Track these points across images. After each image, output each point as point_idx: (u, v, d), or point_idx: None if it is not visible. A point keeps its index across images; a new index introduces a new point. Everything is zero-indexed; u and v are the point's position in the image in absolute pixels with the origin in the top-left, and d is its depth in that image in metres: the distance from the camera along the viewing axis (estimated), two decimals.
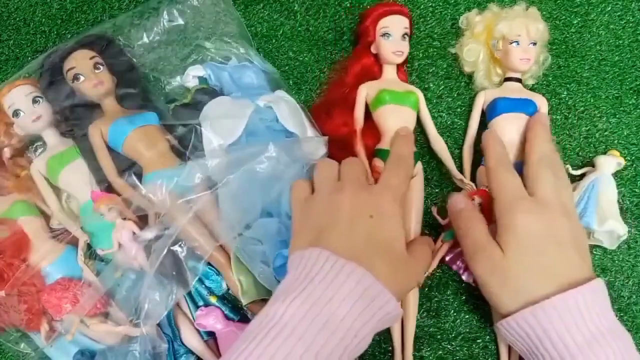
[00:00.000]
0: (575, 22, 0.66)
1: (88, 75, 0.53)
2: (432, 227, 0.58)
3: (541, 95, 0.60)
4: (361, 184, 0.44)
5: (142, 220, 0.52)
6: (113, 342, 0.48)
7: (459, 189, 0.58)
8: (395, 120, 0.57)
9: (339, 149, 0.57)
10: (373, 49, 0.60)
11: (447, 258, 0.55)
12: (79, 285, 0.49)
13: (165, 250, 0.47)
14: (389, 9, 0.59)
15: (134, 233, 0.49)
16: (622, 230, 0.56)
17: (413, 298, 0.55)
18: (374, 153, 0.58)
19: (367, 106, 0.59)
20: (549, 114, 0.63)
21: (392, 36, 0.58)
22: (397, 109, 0.57)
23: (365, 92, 0.59)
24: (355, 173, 0.46)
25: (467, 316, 0.57)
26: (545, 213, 0.44)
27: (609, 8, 0.66)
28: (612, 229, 0.56)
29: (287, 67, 0.63)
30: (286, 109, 0.55)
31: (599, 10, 0.66)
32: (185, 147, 0.54)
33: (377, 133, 0.59)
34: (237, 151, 0.50)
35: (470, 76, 0.63)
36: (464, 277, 0.54)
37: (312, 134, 0.57)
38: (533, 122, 0.53)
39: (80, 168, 0.54)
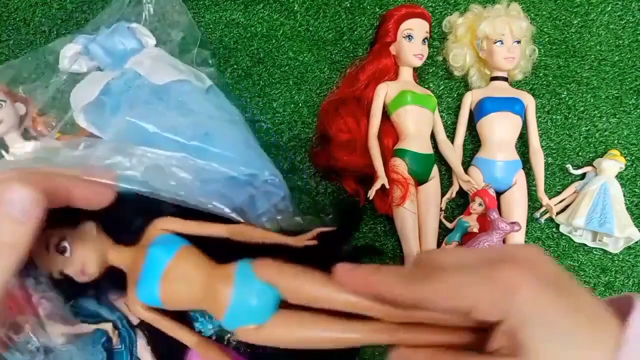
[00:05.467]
0: (575, 22, 0.66)
1: None
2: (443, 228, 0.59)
3: (527, 92, 0.60)
4: None
5: None
6: (68, 338, 0.48)
7: (465, 193, 0.58)
8: (415, 121, 0.57)
9: (347, 152, 0.56)
10: (393, 50, 0.60)
11: None
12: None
13: None
14: (412, 11, 0.59)
15: None
16: (637, 235, 0.56)
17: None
18: (392, 153, 0.58)
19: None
20: (548, 113, 0.63)
21: (414, 39, 0.58)
22: (417, 111, 0.57)
23: (385, 91, 0.59)
24: None
25: None
26: None
27: (609, 8, 0.66)
28: (630, 235, 0.56)
29: (287, 67, 0.63)
30: (151, 64, 0.55)
31: (599, 10, 0.66)
32: None
33: (393, 133, 0.59)
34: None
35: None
36: None
37: (191, 75, 0.56)
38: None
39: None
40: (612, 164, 0.58)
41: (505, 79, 0.60)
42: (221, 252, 0.31)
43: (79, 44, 0.56)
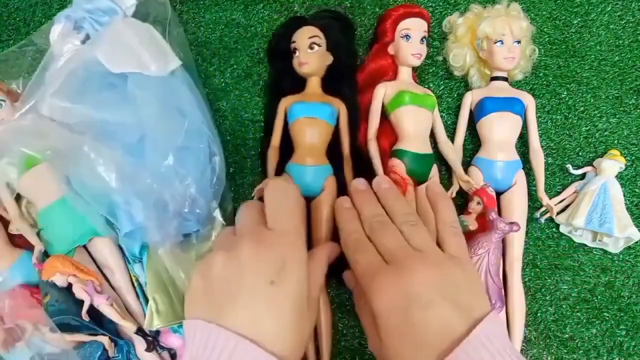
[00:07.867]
0: (575, 22, 0.66)
1: None
2: None
3: (527, 92, 0.60)
4: (258, 235, 0.39)
5: None
6: (66, 346, 0.48)
7: (465, 193, 0.58)
8: (414, 121, 0.57)
9: None
10: (390, 50, 0.60)
11: None
12: (35, 293, 0.49)
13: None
14: (410, 11, 0.59)
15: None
16: (637, 235, 0.56)
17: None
18: (391, 153, 0.57)
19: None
20: (548, 113, 0.63)
21: (412, 38, 0.58)
22: (415, 111, 0.57)
23: (383, 91, 0.58)
24: (251, 221, 0.41)
25: None
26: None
27: (609, 8, 0.66)
28: (630, 235, 0.56)
29: None
30: (110, 49, 0.52)
31: (599, 10, 0.66)
32: None
33: (391, 134, 0.59)
34: None
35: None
36: None
37: (154, 58, 0.52)
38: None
39: (40, 174, 0.52)
40: (612, 164, 0.58)
41: (505, 79, 0.60)
42: None
43: (62, 21, 0.54)
